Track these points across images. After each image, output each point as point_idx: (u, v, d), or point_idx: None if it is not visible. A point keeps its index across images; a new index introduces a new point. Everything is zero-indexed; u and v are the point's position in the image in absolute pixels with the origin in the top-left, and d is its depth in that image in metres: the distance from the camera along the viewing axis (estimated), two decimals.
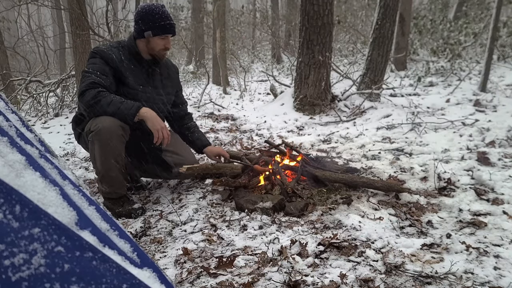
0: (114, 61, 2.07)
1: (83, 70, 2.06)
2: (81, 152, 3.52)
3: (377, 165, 2.73)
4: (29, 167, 0.54)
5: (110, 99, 1.95)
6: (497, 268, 1.44)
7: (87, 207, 0.62)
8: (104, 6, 5.56)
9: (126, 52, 2.16)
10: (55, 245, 0.43)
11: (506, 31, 7.96)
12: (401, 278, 1.40)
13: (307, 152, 3.18)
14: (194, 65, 12.48)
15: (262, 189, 2.26)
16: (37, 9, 15.53)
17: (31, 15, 14.10)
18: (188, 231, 1.86)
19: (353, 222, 1.84)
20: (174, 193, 2.42)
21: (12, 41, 10.45)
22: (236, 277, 1.43)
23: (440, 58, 8.68)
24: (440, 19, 9.65)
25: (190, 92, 7.48)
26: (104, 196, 2.13)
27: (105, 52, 2.07)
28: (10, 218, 0.40)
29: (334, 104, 4.85)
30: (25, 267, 0.39)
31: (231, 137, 3.92)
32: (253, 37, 16.41)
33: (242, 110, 5.51)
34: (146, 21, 2.08)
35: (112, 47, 2.14)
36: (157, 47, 2.14)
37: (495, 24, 5.14)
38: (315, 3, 4.38)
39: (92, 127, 1.96)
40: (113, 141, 1.96)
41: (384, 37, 4.99)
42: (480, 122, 3.69)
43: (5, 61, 6.86)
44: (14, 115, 0.75)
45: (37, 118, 5.56)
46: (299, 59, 4.78)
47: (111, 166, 2.01)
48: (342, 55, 11.15)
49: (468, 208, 1.96)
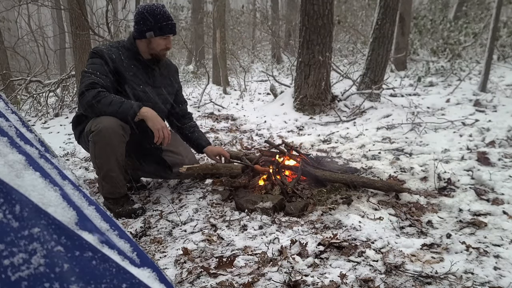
0: (114, 61, 2.07)
1: (83, 71, 2.06)
2: (81, 152, 3.52)
3: (377, 165, 2.73)
4: (29, 167, 0.54)
5: (110, 99, 1.95)
6: (497, 268, 1.44)
7: (87, 207, 0.62)
8: (104, 6, 5.56)
9: (126, 52, 2.16)
10: (55, 244, 0.43)
11: (506, 31, 7.96)
12: (401, 278, 1.40)
13: (307, 152, 3.18)
14: (194, 65, 12.49)
15: (262, 189, 2.25)
16: (37, 9, 15.53)
17: (31, 15, 14.10)
18: (188, 231, 1.86)
19: (353, 222, 1.84)
20: (174, 193, 2.42)
21: (12, 41, 10.46)
22: (236, 277, 1.43)
23: (440, 58, 8.68)
24: (440, 19, 9.65)
25: (190, 92, 7.48)
26: (104, 196, 2.13)
27: (104, 52, 2.07)
28: (10, 217, 0.40)
29: (334, 104, 4.85)
30: (24, 267, 0.39)
31: (231, 137, 3.92)
32: (253, 37, 16.42)
33: (242, 110, 5.51)
34: (147, 22, 2.08)
35: (112, 47, 2.14)
36: (158, 47, 2.15)
37: (495, 24, 5.14)
38: (315, 3, 4.38)
39: (92, 127, 1.96)
40: (114, 141, 1.96)
41: (384, 37, 4.99)
42: (480, 122, 3.69)
43: (5, 61, 6.86)
44: (14, 115, 0.75)
45: (37, 118, 5.56)
46: (299, 59, 4.78)
47: (111, 166, 2.01)
48: (342, 55, 11.16)
49: (468, 208, 1.96)
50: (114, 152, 1.99)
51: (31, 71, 7.53)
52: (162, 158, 2.33)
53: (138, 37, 2.14)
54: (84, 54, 4.82)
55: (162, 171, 2.39)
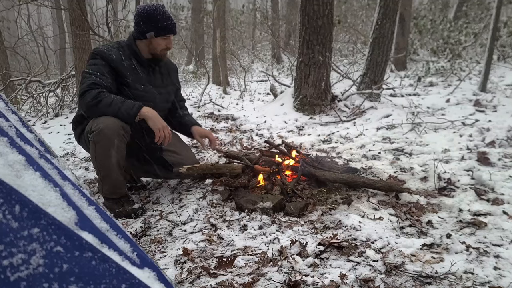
0: (114, 61, 2.08)
1: (83, 71, 2.06)
2: (81, 152, 3.52)
3: (377, 165, 2.73)
4: (29, 167, 0.54)
5: (111, 99, 1.95)
6: (497, 268, 1.44)
7: (87, 207, 0.62)
8: (104, 6, 5.56)
9: (126, 52, 2.16)
10: (54, 245, 0.43)
11: (506, 31, 7.95)
12: (401, 278, 1.40)
13: (307, 152, 3.18)
14: (194, 65, 12.48)
15: (262, 189, 2.25)
16: (37, 9, 15.52)
17: (31, 15, 14.08)
18: (188, 231, 1.86)
19: (353, 222, 1.84)
20: (174, 193, 2.42)
21: (12, 41, 10.45)
22: (236, 277, 1.43)
23: (440, 58, 8.68)
24: (440, 19, 9.65)
25: (190, 92, 7.48)
26: (104, 196, 2.13)
27: (105, 53, 2.07)
28: (9, 218, 0.40)
29: (334, 104, 4.85)
30: (23, 267, 0.39)
31: (231, 137, 3.92)
32: (253, 37, 16.41)
33: (242, 110, 5.51)
34: (148, 22, 2.08)
35: (112, 47, 2.14)
36: (159, 47, 2.15)
37: (495, 24, 5.14)
38: (315, 3, 4.38)
39: (93, 127, 1.96)
40: (114, 141, 1.97)
41: (384, 37, 4.99)
42: (480, 122, 3.69)
43: (5, 61, 6.85)
44: (14, 115, 0.75)
45: (37, 118, 5.56)
46: (299, 59, 4.78)
47: (112, 166, 2.01)
48: (342, 55, 11.16)
49: (468, 208, 1.96)
50: (115, 153, 1.99)
51: (31, 71, 7.52)
52: (162, 157, 2.33)
53: (139, 38, 2.14)
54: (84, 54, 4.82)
55: (163, 171, 2.39)
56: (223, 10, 8.17)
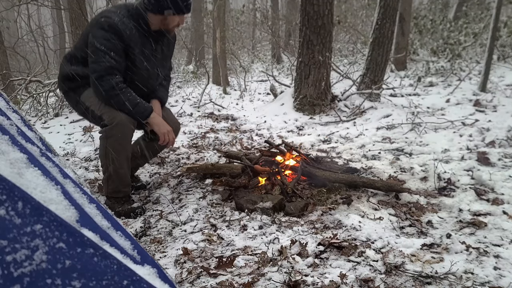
0: (127, 37, 2.00)
1: (94, 45, 1.94)
2: (81, 152, 3.52)
3: (377, 165, 2.73)
4: (30, 165, 0.55)
5: (127, 97, 1.97)
6: (497, 268, 1.44)
7: (88, 205, 0.62)
8: (104, 6, 5.56)
9: (135, 22, 2.07)
10: (57, 241, 0.43)
11: (506, 31, 7.96)
12: (401, 278, 1.40)
13: (307, 152, 3.18)
14: (194, 65, 12.48)
15: (262, 189, 2.26)
16: (37, 9, 15.53)
17: (31, 15, 14.08)
18: (188, 231, 1.87)
19: (353, 222, 1.84)
20: (174, 193, 2.43)
21: (12, 41, 10.46)
22: (236, 277, 1.43)
23: (440, 58, 8.68)
24: (440, 19, 9.65)
25: (190, 92, 7.48)
26: (107, 195, 2.14)
27: (118, 27, 1.97)
28: (12, 214, 0.40)
29: (334, 104, 4.85)
30: (27, 263, 0.39)
31: (231, 137, 3.92)
32: (253, 37, 16.42)
33: (242, 110, 5.52)
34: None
35: (123, 16, 2.03)
36: (172, 24, 2.09)
37: (495, 24, 5.14)
38: (315, 3, 4.38)
39: (106, 118, 1.98)
40: (127, 138, 2.02)
41: (384, 37, 4.99)
42: (480, 122, 3.69)
43: (5, 61, 6.86)
44: (15, 114, 0.75)
45: (37, 118, 5.56)
46: (299, 59, 4.78)
47: (122, 162, 2.04)
48: (342, 55, 11.16)
49: (468, 208, 1.96)
50: (126, 149, 2.04)
51: (31, 71, 7.53)
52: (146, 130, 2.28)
53: (154, 11, 2.04)
54: None
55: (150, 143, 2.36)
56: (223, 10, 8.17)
